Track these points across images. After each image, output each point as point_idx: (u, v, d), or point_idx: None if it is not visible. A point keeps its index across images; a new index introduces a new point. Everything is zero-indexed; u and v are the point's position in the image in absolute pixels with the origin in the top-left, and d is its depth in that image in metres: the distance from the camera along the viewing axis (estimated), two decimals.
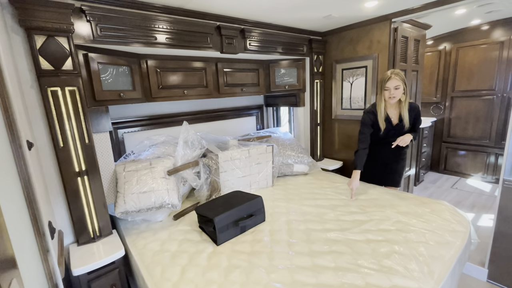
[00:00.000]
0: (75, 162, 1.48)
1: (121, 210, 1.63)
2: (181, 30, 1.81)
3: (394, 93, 1.85)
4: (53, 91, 1.36)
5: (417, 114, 1.98)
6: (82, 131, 1.47)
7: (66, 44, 1.36)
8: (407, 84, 1.89)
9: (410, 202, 1.87)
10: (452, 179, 4.03)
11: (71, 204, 1.51)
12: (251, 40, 2.23)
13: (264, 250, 1.44)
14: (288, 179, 2.51)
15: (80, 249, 1.54)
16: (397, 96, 1.86)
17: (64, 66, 1.37)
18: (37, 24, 1.27)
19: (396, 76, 1.83)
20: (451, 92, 3.96)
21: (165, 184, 1.75)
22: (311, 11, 2.09)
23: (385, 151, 2.07)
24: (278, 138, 2.72)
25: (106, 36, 1.53)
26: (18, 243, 0.82)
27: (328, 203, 1.95)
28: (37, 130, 1.42)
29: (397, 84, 1.83)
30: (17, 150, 0.99)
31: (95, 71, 1.57)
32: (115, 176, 1.75)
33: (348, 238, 1.50)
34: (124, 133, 2.22)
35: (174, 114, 2.48)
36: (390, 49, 2.39)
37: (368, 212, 1.76)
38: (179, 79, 2.09)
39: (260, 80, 2.61)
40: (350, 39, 2.65)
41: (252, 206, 1.68)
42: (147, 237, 1.65)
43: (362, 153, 2.00)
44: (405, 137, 1.94)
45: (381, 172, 2.18)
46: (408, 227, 1.55)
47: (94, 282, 1.46)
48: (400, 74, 1.85)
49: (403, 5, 2.10)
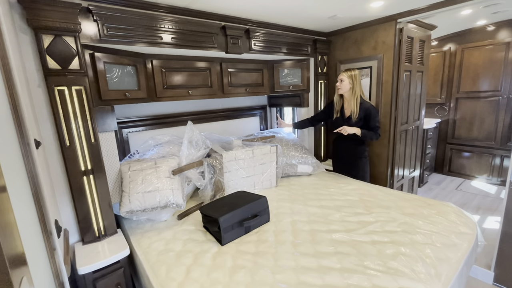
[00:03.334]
0: (81, 161, 1.48)
1: (126, 210, 1.63)
2: (187, 30, 1.81)
3: (339, 85, 2.28)
4: (60, 90, 1.36)
5: (367, 114, 2.22)
6: (88, 130, 1.47)
7: (73, 43, 1.37)
8: (355, 82, 2.23)
9: (415, 203, 1.86)
10: (456, 180, 4.00)
11: (76, 203, 1.52)
12: (255, 40, 2.22)
13: (269, 251, 1.43)
14: (292, 180, 2.51)
15: (85, 248, 1.55)
16: (342, 88, 2.27)
17: (71, 66, 1.38)
18: (45, 23, 1.27)
19: (344, 72, 2.25)
20: (456, 93, 3.94)
21: (170, 184, 1.75)
22: (316, 11, 2.09)
23: (342, 148, 2.47)
24: (282, 138, 2.71)
25: (113, 36, 1.54)
26: (27, 241, 0.82)
27: (333, 203, 1.94)
28: (44, 129, 1.42)
29: (342, 78, 2.25)
30: (26, 149, 1.00)
31: (101, 71, 1.58)
32: (120, 176, 1.76)
33: (353, 239, 1.49)
34: (129, 133, 2.22)
35: (179, 114, 2.48)
36: (395, 50, 2.37)
37: (373, 213, 1.75)
38: (183, 79, 2.09)
39: (264, 80, 2.61)
40: (355, 39, 2.64)
41: (256, 206, 1.68)
42: (151, 236, 1.65)
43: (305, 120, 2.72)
44: (349, 128, 2.21)
45: (347, 168, 2.49)
46: (414, 229, 1.54)
47: (99, 281, 1.46)
48: (350, 72, 2.24)
49: (409, 5, 2.09)
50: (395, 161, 2.62)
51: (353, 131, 2.21)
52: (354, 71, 2.23)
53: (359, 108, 2.24)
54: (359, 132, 2.22)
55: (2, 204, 0.59)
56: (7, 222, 0.60)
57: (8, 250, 0.54)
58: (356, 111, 2.24)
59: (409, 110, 2.73)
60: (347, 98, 2.32)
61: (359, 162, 2.41)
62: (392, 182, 2.68)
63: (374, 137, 2.25)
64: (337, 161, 2.62)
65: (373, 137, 2.25)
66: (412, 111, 2.79)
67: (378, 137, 2.26)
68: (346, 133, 2.21)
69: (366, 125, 2.25)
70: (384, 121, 2.55)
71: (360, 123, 2.26)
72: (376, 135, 2.25)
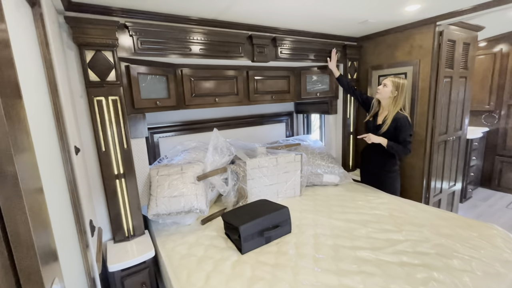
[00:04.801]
0: (114, 165, 1.60)
1: (153, 213, 1.72)
2: (214, 41, 1.87)
3: (381, 89, 2.09)
4: (98, 100, 1.49)
5: (399, 126, 2.03)
6: (121, 137, 1.59)
7: (111, 57, 1.49)
8: (400, 92, 2.03)
9: (453, 222, 1.70)
10: (507, 197, 3.57)
11: (109, 203, 1.64)
12: (282, 48, 2.22)
13: (289, 264, 1.40)
14: (317, 189, 2.44)
15: (116, 246, 1.66)
16: (381, 93, 2.09)
17: (109, 78, 1.50)
18: (87, 40, 1.41)
19: (391, 78, 2.07)
20: (508, 99, 3.53)
21: (194, 190, 1.80)
22: (346, 17, 2.02)
23: (370, 159, 2.31)
24: (307, 146, 2.66)
25: (146, 49, 1.64)
26: (61, 239, 0.91)
27: (359, 218, 1.84)
28: (84, 135, 1.56)
29: (386, 83, 2.07)
30: (66, 155, 1.10)
31: (134, 81, 1.69)
32: (149, 179, 1.86)
33: (379, 258, 1.40)
34: (159, 138, 2.35)
35: (205, 120, 2.56)
36: (433, 55, 2.20)
37: (403, 231, 1.63)
38: (211, 87, 2.15)
39: (290, 87, 2.58)
40: (388, 44, 2.51)
41: (278, 216, 1.66)
42: (175, 239, 1.72)
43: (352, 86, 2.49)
44: (374, 137, 2.07)
45: (375, 181, 2.33)
46: (451, 252, 1.40)
47: (126, 279, 1.55)
48: (397, 80, 2.04)
49: (450, 7, 1.93)
50: (432, 173, 2.42)
51: (378, 141, 2.05)
52: (403, 80, 2.03)
53: (392, 118, 2.06)
54: (385, 143, 2.04)
55: (39, 204, 0.65)
56: (42, 221, 0.66)
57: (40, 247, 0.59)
58: (389, 120, 2.05)
59: (449, 119, 2.51)
60: (383, 106, 2.15)
61: (388, 176, 2.22)
62: (428, 196, 2.47)
63: (402, 152, 2.03)
64: (365, 172, 2.47)
65: (401, 152, 2.03)
66: (453, 120, 2.56)
67: (407, 153, 2.03)
68: (370, 141, 2.07)
69: (396, 137, 2.05)
70: (419, 132, 2.37)
71: (389, 134, 2.07)
72: (405, 151, 2.02)
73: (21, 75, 0.64)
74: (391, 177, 2.23)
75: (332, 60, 2.45)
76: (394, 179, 2.23)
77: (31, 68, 0.87)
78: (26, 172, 0.56)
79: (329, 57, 2.48)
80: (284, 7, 1.73)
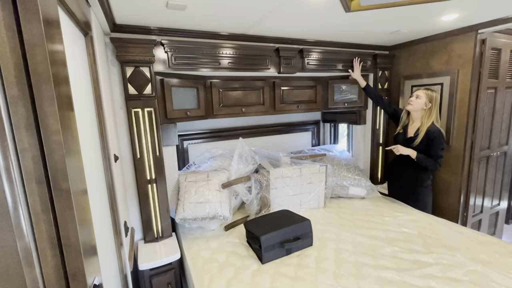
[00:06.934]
0: (147, 171, 1.73)
1: (180, 217, 1.82)
2: (242, 54, 1.94)
3: (413, 101, 2.02)
4: (135, 112, 1.63)
5: (431, 139, 1.96)
6: (154, 145, 1.72)
7: (147, 72, 1.63)
8: (433, 105, 1.97)
9: (493, 248, 1.56)
10: None
11: (142, 206, 1.77)
12: (309, 59, 2.23)
13: (308, 278, 1.40)
14: (342, 202, 2.39)
15: (146, 246, 1.79)
16: (414, 105, 2.02)
17: (145, 91, 1.64)
18: (129, 58, 1.56)
19: (425, 90, 2.01)
20: None
21: (219, 197, 1.88)
22: (375, 29, 1.98)
23: (400, 172, 2.22)
24: (333, 157, 2.61)
25: (179, 64, 1.76)
26: (100, 239, 1.01)
27: (385, 235, 1.77)
28: (123, 143, 1.72)
29: (419, 94, 2.00)
30: (106, 163, 1.23)
31: (168, 93, 1.82)
32: (178, 185, 1.97)
33: (405, 281, 1.34)
34: (189, 144, 2.48)
35: (232, 128, 2.64)
36: (474, 64, 2.06)
37: (434, 253, 1.54)
38: (238, 97, 2.23)
39: (317, 97, 2.57)
40: (423, 53, 2.39)
41: (299, 229, 1.67)
42: (200, 244, 1.80)
43: (380, 96, 2.35)
44: (403, 148, 2.02)
45: (404, 196, 2.24)
46: (487, 281, 1.30)
47: (154, 278, 1.66)
48: (431, 93, 1.98)
49: (493, 14, 1.79)
50: (471, 190, 2.23)
51: (407, 153, 2.01)
52: (436, 93, 1.99)
53: (427, 131, 1.98)
54: (414, 156, 1.99)
55: (83, 204, 0.75)
56: (86, 219, 0.75)
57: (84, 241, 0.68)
58: (423, 133, 1.98)
59: (493, 134, 2.30)
60: (413, 118, 2.09)
61: (419, 191, 2.12)
62: (466, 215, 2.29)
63: (432, 166, 1.96)
64: (394, 185, 2.37)
65: (430, 165, 1.97)
66: (498, 134, 2.35)
67: (437, 167, 1.97)
68: (398, 153, 2.03)
69: (427, 150, 1.98)
70: (456, 146, 2.22)
71: (421, 147, 2.00)
72: (436, 165, 1.96)
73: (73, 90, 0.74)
74: (423, 192, 2.11)
75: (355, 69, 2.39)
76: (426, 194, 2.12)
77: (81, 84, 1.00)
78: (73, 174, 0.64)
79: (352, 67, 2.43)
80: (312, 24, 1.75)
